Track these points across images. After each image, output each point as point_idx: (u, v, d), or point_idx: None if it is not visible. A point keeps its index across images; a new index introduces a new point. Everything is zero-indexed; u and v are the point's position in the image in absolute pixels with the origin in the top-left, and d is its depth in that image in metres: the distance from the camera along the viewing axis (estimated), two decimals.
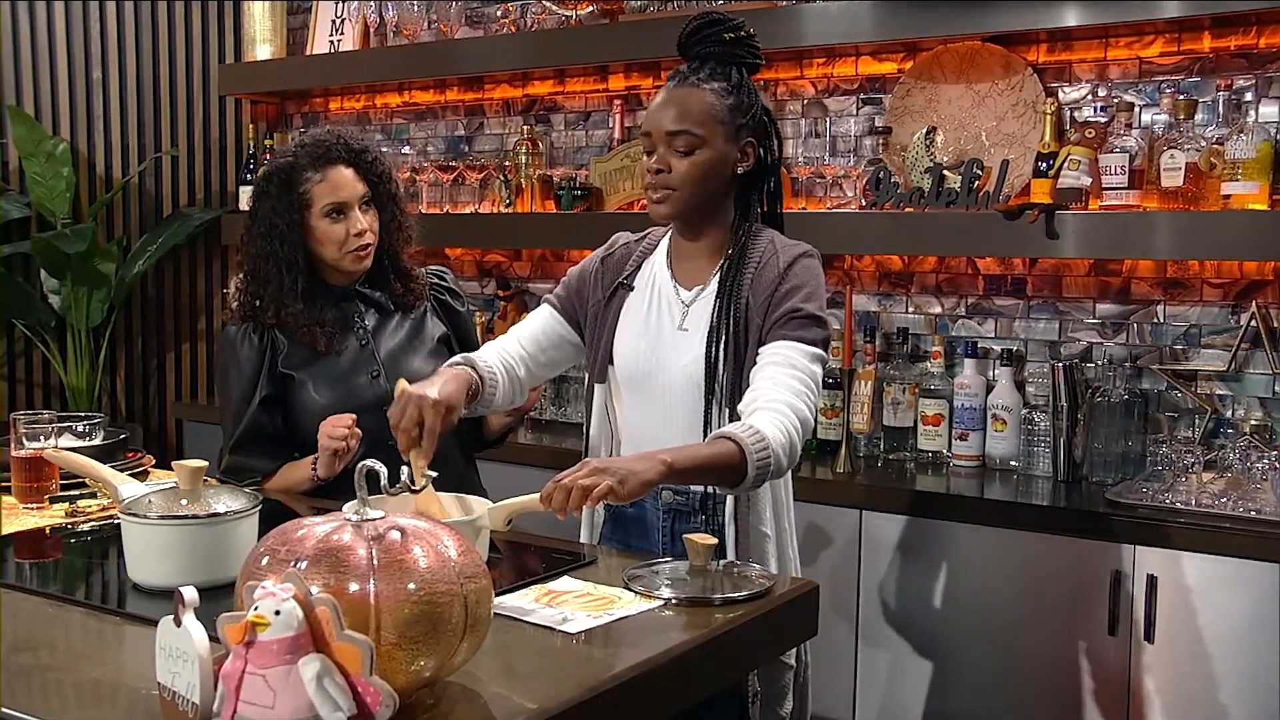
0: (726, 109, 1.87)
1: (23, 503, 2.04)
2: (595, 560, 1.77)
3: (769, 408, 1.75)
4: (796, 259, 1.89)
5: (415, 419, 1.70)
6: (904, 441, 3.01)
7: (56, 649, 1.39)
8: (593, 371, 2.02)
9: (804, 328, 1.84)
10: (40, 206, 3.97)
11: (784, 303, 1.85)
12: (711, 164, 1.87)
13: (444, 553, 1.17)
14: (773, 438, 1.71)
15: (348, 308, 2.29)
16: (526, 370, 2.03)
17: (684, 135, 1.86)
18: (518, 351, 2.03)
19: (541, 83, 3.73)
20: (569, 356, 2.10)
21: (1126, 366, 2.83)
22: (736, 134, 1.89)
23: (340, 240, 2.21)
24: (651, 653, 1.38)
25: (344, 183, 2.21)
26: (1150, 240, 2.59)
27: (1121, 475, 2.72)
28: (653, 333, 1.95)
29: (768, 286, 1.87)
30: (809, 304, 1.86)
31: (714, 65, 1.89)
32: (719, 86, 1.87)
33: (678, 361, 1.91)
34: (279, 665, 1.04)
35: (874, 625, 2.70)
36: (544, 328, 2.06)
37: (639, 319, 1.97)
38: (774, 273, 1.88)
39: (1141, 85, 2.84)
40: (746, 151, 1.91)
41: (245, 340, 2.23)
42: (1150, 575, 2.37)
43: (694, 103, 1.86)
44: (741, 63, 1.91)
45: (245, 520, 1.59)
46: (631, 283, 2.01)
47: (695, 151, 1.86)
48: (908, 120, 3.09)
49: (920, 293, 3.14)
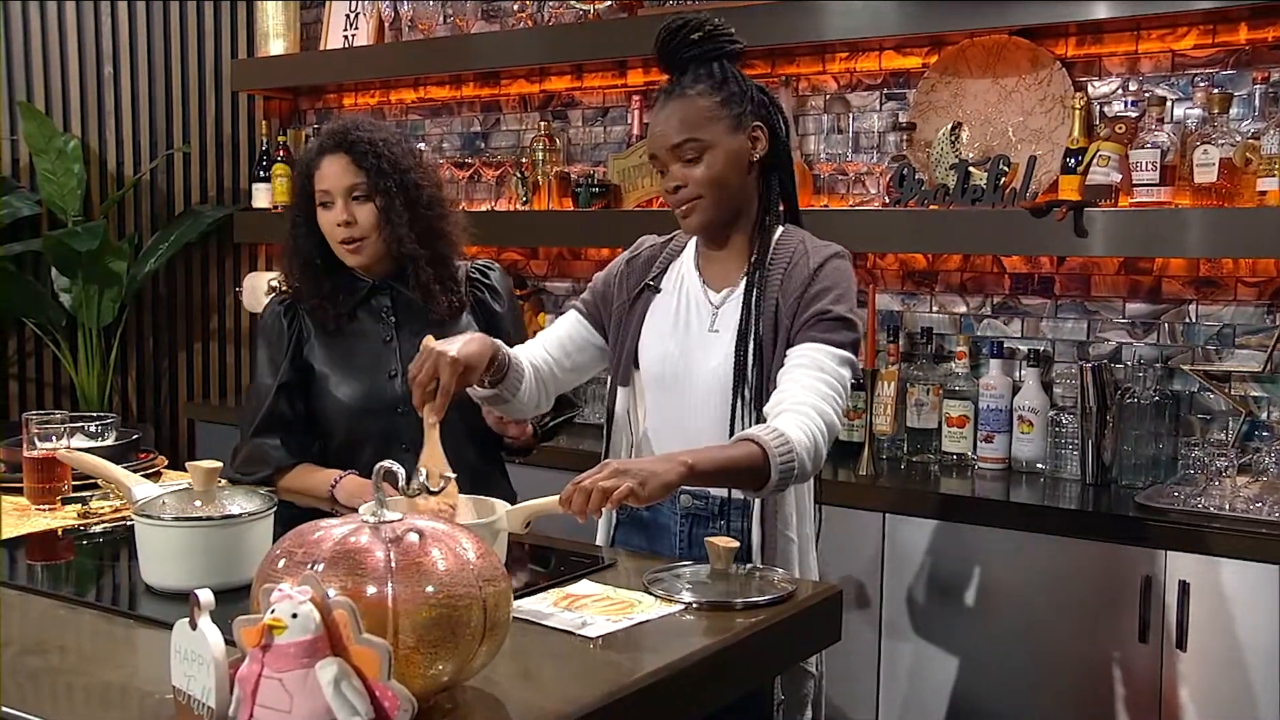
0: (719, 104, 1.88)
1: (35, 504, 2.05)
2: (615, 564, 1.77)
3: (794, 410, 1.75)
4: (827, 260, 1.89)
5: (431, 374, 1.72)
6: (928, 444, 3.00)
7: (68, 652, 1.39)
8: (616, 374, 2.02)
9: (833, 330, 1.84)
10: (51, 204, 3.99)
11: (813, 304, 1.85)
12: (725, 162, 1.88)
13: (463, 555, 1.18)
14: (797, 441, 1.71)
15: (378, 301, 2.27)
16: (552, 374, 2.03)
17: (688, 144, 1.86)
18: (543, 356, 2.03)
19: (559, 78, 3.74)
20: (596, 361, 2.10)
21: (1157, 367, 2.82)
22: (739, 123, 1.89)
23: (328, 229, 2.20)
24: (672, 658, 1.37)
25: (332, 172, 2.19)
26: (1182, 238, 2.58)
27: (1152, 479, 2.70)
28: (681, 335, 1.95)
29: (797, 287, 1.87)
30: (838, 306, 1.85)
31: (694, 68, 1.90)
32: (705, 86, 1.88)
33: (706, 364, 1.91)
34: (296, 669, 1.04)
35: (898, 632, 2.69)
36: (570, 333, 2.07)
37: (666, 321, 1.97)
38: (804, 273, 1.88)
39: (1174, 79, 2.82)
40: (756, 136, 1.91)
41: (276, 321, 2.28)
42: (1183, 581, 2.35)
43: (687, 111, 1.87)
44: (720, 55, 1.90)
45: (260, 522, 1.59)
46: (658, 285, 2.00)
47: (704, 155, 1.87)
48: (932, 116, 3.08)
49: (945, 292, 3.13)
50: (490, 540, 1.62)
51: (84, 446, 2.13)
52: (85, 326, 4.00)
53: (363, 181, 2.17)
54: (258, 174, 4.16)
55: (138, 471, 2.01)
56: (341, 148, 2.19)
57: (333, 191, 2.18)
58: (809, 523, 1.96)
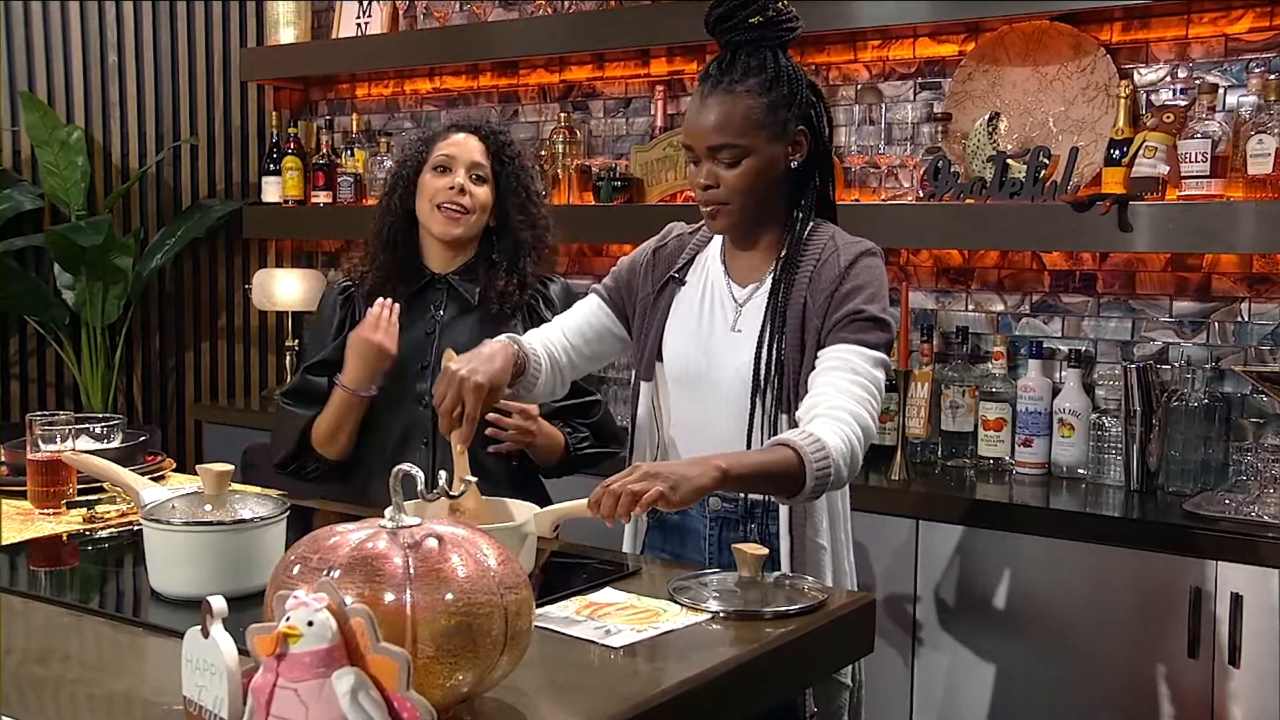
0: (766, 108, 1.84)
1: (39, 508, 2.06)
2: (640, 571, 1.77)
3: (830, 415, 1.75)
4: (858, 257, 1.88)
5: (456, 400, 1.75)
6: (963, 447, 2.99)
7: (72, 661, 1.40)
8: (640, 368, 2.02)
9: (866, 330, 1.84)
10: (53, 198, 4.02)
11: (845, 304, 1.85)
12: (761, 170, 1.86)
13: (483, 561, 1.18)
14: (834, 447, 1.70)
15: (430, 296, 2.34)
16: (569, 360, 2.05)
17: (727, 149, 1.85)
18: (561, 341, 2.05)
19: (579, 67, 3.74)
20: (614, 350, 2.12)
21: (1207, 368, 2.80)
22: (784, 130, 1.87)
23: (435, 192, 2.28)
24: (699, 669, 1.37)
25: (461, 144, 2.31)
26: (1234, 232, 2.56)
27: (1200, 485, 2.68)
28: (704, 332, 1.95)
29: (828, 286, 1.86)
30: (871, 305, 1.85)
31: (746, 57, 1.85)
32: (755, 84, 1.84)
33: (730, 363, 1.91)
34: (312, 679, 1.04)
35: (932, 642, 2.68)
36: (590, 319, 2.08)
37: (691, 316, 1.97)
38: (834, 271, 1.87)
39: (1226, 64, 2.80)
40: (798, 141, 1.89)
41: (332, 305, 2.38)
42: (1235, 594, 2.34)
43: (733, 112, 1.83)
44: (777, 43, 1.87)
45: (273, 526, 1.60)
46: (684, 276, 2.01)
47: (742, 162, 1.85)
48: (969, 106, 3.06)
49: (981, 289, 3.12)
50: (518, 545, 1.64)
51: (90, 449, 2.14)
52: (89, 325, 4.03)
53: (486, 165, 2.31)
54: (268, 167, 4.18)
55: (145, 474, 2.02)
56: (474, 130, 2.34)
57: (457, 159, 2.30)
58: (842, 529, 1.96)
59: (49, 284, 4.07)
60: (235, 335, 4.44)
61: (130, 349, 4.24)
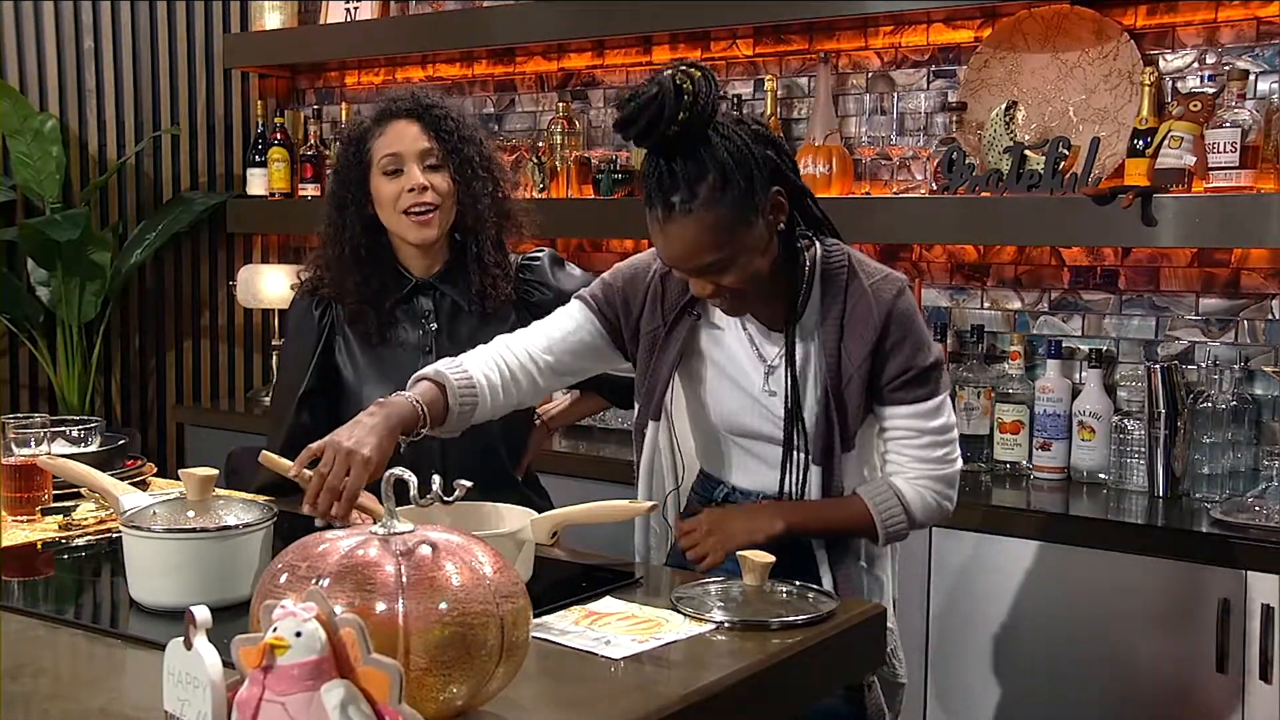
0: (731, 206, 1.72)
1: (12, 515, 2.06)
2: (641, 579, 1.78)
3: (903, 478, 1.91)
4: (894, 304, 1.85)
5: (341, 476, 1.71)
6: (979, 451, 2.99)
7: (47, 675, 1.40)
8: (646, 406, 1.97)
9: (921, 384, 1.87)
10: (27, 190, 4.03)
11: (892, 360, 1.86)
12: (753, 257, 1.78)
13: (478, 569, 1.18)
14: (911, 501, 1.89)
15: (419, 303, 2.27)
16: (540, 374, 1.96)
17: (710, 266, 1.75)
18: (536, 355, 1.95)
19: (579, 55, 3.75)
20: (596, 368, 2.06)
21: (1235, 369, 2.80)
22: (757, 210, 1.76)
23: (394, 198, 2.17)
24: (701, 682, 1.38)
25: (402, 135, 2.19)
26: (1265, 226, 2.56)
27: (1229, 491, 2.69)
28: (739, 395, 1.93)
29: (867, 340, 1.84)
30: (919, 356, 1.86)
31: (683, 163, 1.71)
32: (707, 193, 1.71)
33: (764, 428, 1.92)
34: (300, 692, 1.04)
35: (945, 654, 2.68)
36: (575, 335, 1.98)
37: (714, 363, 1.94)
38: (872, 323, 1.84)
39: (1258, 49, 2.80)
40: (778, 204, 1.79)
41: (306, 318, 2.29)
42: (1266, 605, 2.34)
43: (700, 235, 1.72)
44: (709, 124, 1.73)
45: (259, 533, 1.60)
46: (699, 313, 1.94)
47: (729, 268, 1.76)
48: (985, 94, 3.07)
49: (997, 286, 3.12)
50: (514, 552, 1.65)
51: (66, 453, 2.14)
52: (65, 323, 4.03)
53: (436, 149, 2.19)
54: (253, 158, 4.19)
55: (124, 479, 2.02)
56: (411, 114, 2.21)
57: (404, 155, 2.18)
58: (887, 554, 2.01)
59: (23, 280, 4.07)
60: (219, 334, 4.44)
61: (108, 348, 4.24)
